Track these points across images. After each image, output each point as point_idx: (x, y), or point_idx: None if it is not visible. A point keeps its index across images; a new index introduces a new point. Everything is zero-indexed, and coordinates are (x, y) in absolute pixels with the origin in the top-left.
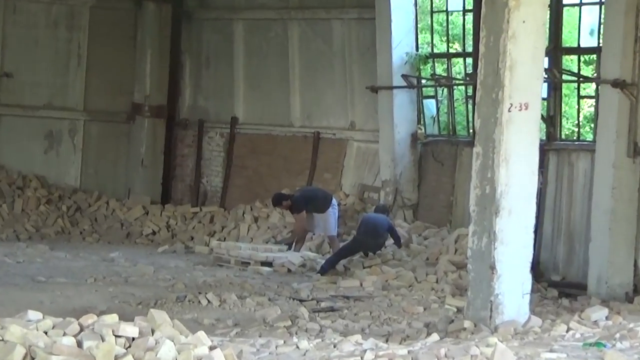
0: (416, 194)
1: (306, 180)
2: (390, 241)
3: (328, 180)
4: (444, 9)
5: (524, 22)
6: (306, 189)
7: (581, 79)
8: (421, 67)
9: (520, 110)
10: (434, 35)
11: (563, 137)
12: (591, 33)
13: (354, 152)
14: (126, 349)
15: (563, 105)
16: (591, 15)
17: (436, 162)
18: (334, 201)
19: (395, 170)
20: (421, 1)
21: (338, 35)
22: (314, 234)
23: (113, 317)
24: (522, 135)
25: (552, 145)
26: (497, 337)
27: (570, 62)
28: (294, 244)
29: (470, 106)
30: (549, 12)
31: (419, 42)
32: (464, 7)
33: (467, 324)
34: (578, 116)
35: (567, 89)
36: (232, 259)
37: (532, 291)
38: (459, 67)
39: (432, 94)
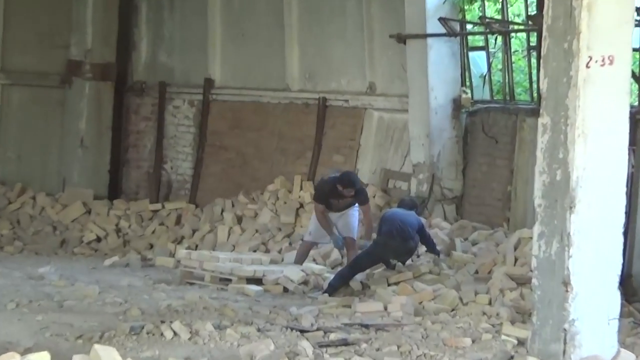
0: (460, 183)
1: (309, 165)
2: (423, 248)
3: (339, 164)
4: None
5: None
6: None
7: None
8: (466, 7)
9: (602, 65)
10: None
11: None
12: None
13: (374, 126)
14: None
15: None
16: None
17: (488, 138)
18: None
19: (431, 150)
20: None
21: None
22: (317, 244)
23: (43, 357)
24: (605, 99)
25: None
26: None
27: None
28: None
29: (534, 61)
30: None
31: None
32: None
33: None
34: None
35: None
36: (206, 275)
37: (621, 315)
38: (517, 7)
39: (481, 44)
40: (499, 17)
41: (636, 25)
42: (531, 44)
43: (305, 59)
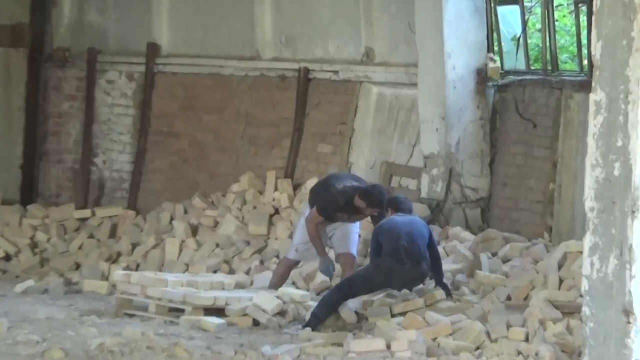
0: (487, 181)
1: (286, 157)
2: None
3: (325, 156)
4: None
5: None
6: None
7: None
8: None
9: None
10: None
11: None
12: None
13: (373, 105)
14: None
15: None
16: None
17: (523, 120)
18: None
19: (448, 138)
20: None
21: None
22: (299, 262)
23: None
24: None
25: None
26: None
27: None
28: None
29: (583, 19)
30: None
31: None
32: None
33: None
34: None
35: None
36: (151, 304)
37: None
38: None
39: None
40: None
41: None
42: None
43: (281, 18)
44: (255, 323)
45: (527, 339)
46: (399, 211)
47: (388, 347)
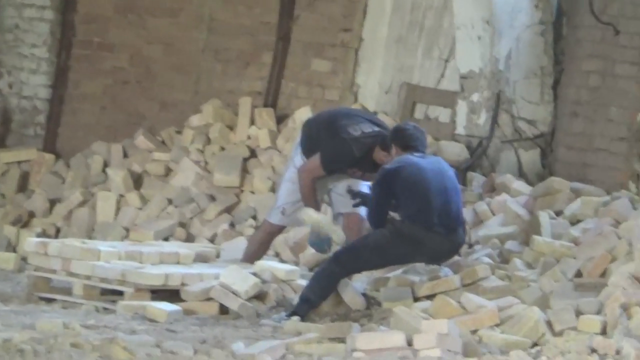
0: (549, 110)
1: (266, 78)
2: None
3: (322, 76)
4: None
5: None
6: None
7: None
8: None
9: None
10: None
11: None
12: None
13: (389, 2)
14: None
15: None
16: None
17: (600, 25)
18: None
19: (496, 49)
20: None
21: None
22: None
23: None
24: None
25: None
26: None
27: None
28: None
29: None
30: None
31: None
32: None
33: None
34: None
35: None
36: (76, 284)
37: None
38: None
39: None
40: None
41: None
42: None
43: None
44: (224, 310)
45: (604, 332)
46: (411, 149)
47: (409, 343)
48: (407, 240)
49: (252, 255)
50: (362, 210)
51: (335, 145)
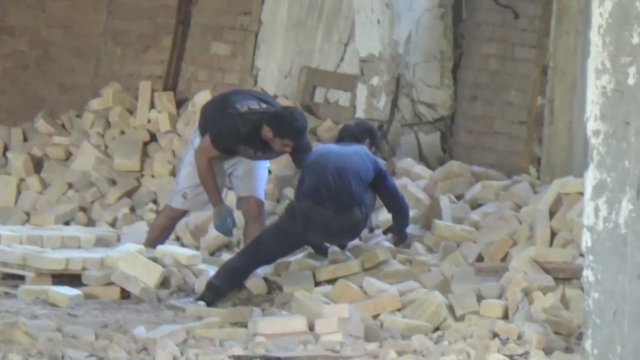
0: (449, 93)
1: (166, 62)
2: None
3: (222, 60)
4: None
5: None
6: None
7: None
8: None
9: None
10: None
11: None
12: None
13: None
14: None
15: None
16: None
17: (499, 8)
18: None
19: (395, 33)
20: None
21: None
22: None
23: None
24: None
25: None
26: None
27: None
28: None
29: None
30: None
31: None
32: None
33: None
34: None
35: None
36: None
37: None
38: None
39: None
40: None
41: None
42: None
43: None
44: (125, 295)
45: (505, 316)
46: (340, 139)
47: (311, 328)
48: (298, 217)
49: (155, 240)
50: (261, 193)
51: (222, 120)
